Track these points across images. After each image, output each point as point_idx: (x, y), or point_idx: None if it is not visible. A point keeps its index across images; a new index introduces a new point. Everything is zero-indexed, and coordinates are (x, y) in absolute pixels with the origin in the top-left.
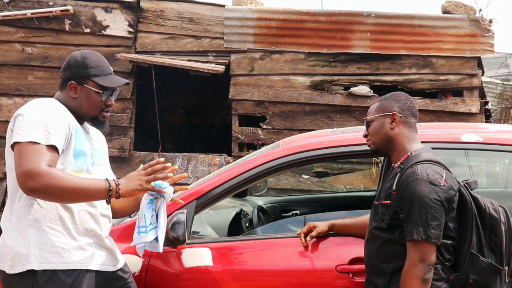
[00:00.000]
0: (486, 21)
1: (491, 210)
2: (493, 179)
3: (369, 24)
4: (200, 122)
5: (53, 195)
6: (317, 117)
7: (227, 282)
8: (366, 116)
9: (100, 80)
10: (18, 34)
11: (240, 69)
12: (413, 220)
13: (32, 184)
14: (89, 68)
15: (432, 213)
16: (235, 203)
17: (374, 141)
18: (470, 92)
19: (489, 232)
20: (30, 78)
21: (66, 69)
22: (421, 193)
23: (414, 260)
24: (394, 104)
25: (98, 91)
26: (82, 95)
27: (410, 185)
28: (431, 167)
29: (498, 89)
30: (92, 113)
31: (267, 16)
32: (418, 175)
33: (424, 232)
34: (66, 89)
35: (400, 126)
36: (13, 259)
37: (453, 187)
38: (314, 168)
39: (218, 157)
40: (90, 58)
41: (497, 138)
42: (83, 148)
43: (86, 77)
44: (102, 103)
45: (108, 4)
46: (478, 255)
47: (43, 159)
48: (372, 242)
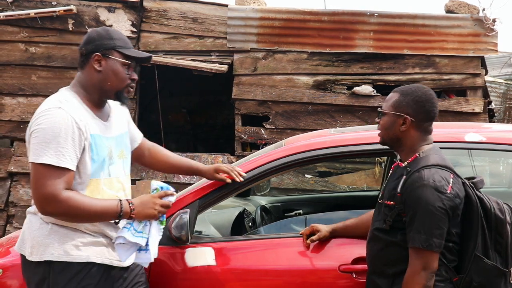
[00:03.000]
0: (489, 20)
1: (497, 210)
2: (496, 178)
3: (372, 23)
4: (203, 122)
5: (69, 219)
6: (320, 117)
7: (230, 281)
8: (383, 103)
9: (126, 51)
10: (22, 34)
11: (243, 69)
12: (416, 227)
13: (50, 209)
14: (114, 39)
15: (435, 221)
16: (238, 203)
17: (382, 135)
18: (473, 91)
19: (494, 233)
20: (34, 78)
21: (87, 43)
22: (426, 200)
23: (417, 268)
24: (411, 105)
25: (124, 61)
26: (107, 67)
27: (415, 191)
28: (439, 172)
29: (502, 88)
30: (117, 86)
31: (270, 16)
32: (425, 181)
33: (426, 240)
34: (89, 63)
35: (410, 130)
36: (33, 247)
37: (459, 195)
38: (317, 168)
39: (221, 156)
40: (113, 30)
41: (501, 138)
42: (101, 153)
43: (111, 48)
44: (127, 76)
45: (111, 4)
46: (482, 257)
47: (59, 182)
48: (374, 243)
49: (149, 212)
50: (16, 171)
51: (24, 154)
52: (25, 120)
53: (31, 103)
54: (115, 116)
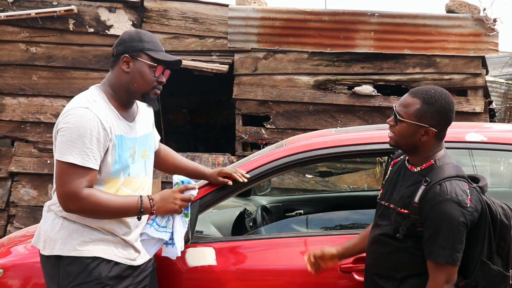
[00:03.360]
0: (490, 20)
1: (502, 216)
2: (497, 178)
3: (372, 23)
4: (204, 122)
5: (91, 216)
6: (320, 117)
7: (231, 281)
8: (400, 108)
9: (155, 54)
10: (22, 34)
11: (244, 69)
12: (440, 243)
13: (72, 207)
14: (143, 42)
15: (458, 236)
16: (238, 203)
17: (397, 140)
18: (474, 91)
19: (498, 238)
20: (34, 78)
21: (119, 44)
22: (451, 216)
23: (440, 282)
24: (435, 115)
25: (152, 64)
26: (135, 69)
27: (439, 206)
28: (459, 185)
29: (503, 88)
30: (144, 88)
31: (270, 16)
32: (447, 195)
33: (450, 256)
34: (118, 64)
35: (431, 139)
36: (45, 242)
37: (477, 208)
38: (317, 168)
39: (222, 156)
40: (144, 33)
41: (502, 138)
42: (123, 154)
43: (140, 50)
44: (154, 79)
45: (112, 4)
46: (488, 262)
47: (82, 181)
48: (380, 247)
49: (170, 207)
50: (17, 171)
51: (25, 154)
52: (26, 120)
53: (32, 103)
54: (141, 117)
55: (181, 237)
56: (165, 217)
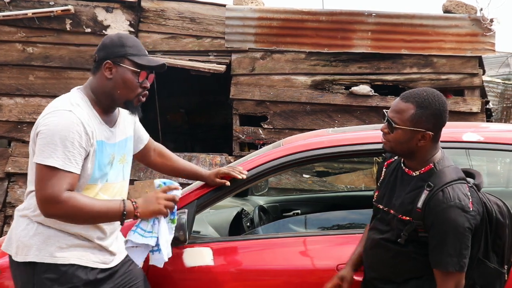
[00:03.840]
0: (487, 20)
1: (498, 214)
2: (494, 178)
3: (370, 23)
4: (201, 122)
5: (72, 221)
6: (318, 117)
7: (228, 281)
8: (393, 114)
9: (138, 59)
10: (19, 34)
11: (241, 69)
12: (447, 251)
13: (52, 211)
14: (126, 47)
15: (465, 242)
16: (236, 203)
17: (392, 146)
18: (471, 91)
19: (494, 236)
20: (31, 78)
21: (100, 50)
22: (456, 223)
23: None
24: (431, 119)
25: (135, 70)
26: (117, 75)
27: (443, 213)
28: (460, 189)
29: (499, 88)
30: (127, 95)
31: (268, 16)
32: (451, 202)
33: (458, 263)
34: (101, 70)
35: (428, 143)
36: (18, 247)
37: (479, 211)
38: (315, 168)
39: (219, 156)
40: (126, 37)
41: (498, 138)
42: (103, 160)
43: (122, 55)
44: (138, 85)
45: (109, 4)
46: (485, 260)
47: (62, 184)
48: (381, 252)
49: (154, 208)
50: (14, 172)
51: (22, 155)
52: (23, 121)
53: (29, 103)
54: (122, 121)
55: (166, 242)
56: (150, 222)
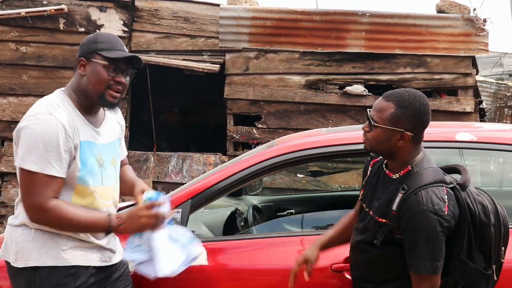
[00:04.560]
0: (480, 20)
1: (482, 215)
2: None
3: (363, 23)
4: (195, 121)
5: (57, 228)
6: (312, 116)
7: (223, 281)
8: (374, 113)
9: (107, 53)
10: (12, 33)
11: (235, 68)
12: (419, 254)
13: (38, 218)
14: (98, 43)
15: (438, 246)
16: (230, 203)
17: (372, 146)
18: (464, 91)
19: (479, 237)
20: (25, 78)
21: (79, 49)
22: (428, 227)
23: None
24: (410, 119)
25: (104, 63)
26: (89, 70)
27: (415, 217)
28: (435, 192)
29: (493, 88)
30: (98, 89)
31: (262, 16)
32: (423, 206)
33: (431, 266)
34: (77, 68)
35: (407, 144)
36: (17, 253)
37: (455, 214)
38: (309, 167)
39: (213, 156)
40: (101, 34)
41: (492, 137)
42: (89, 160)
43: (93, 51)
44: (109, 78)
45: (102, 3)
46: (467, 261)
47: (46, 191)
48: (359, 253)
49: (137, 225)
50: (7, 171)
51: None
52: (16, 120)
53: (22, 103)
54: (108, 123)
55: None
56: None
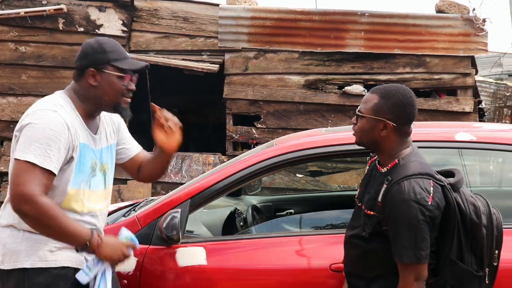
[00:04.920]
0: (479, 20)
1: (473, 215)
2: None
3: (363, 23)
4: (195, 121)
5: (36, 226)
6: (311, 116)
7: (222, 281)
8: (361, 105)
9: (120, 64)
10: (12, 33)
11: (234, 68)
12: (402, 243)
13: (24, 208)
14: (107, 53)
15: (420, 234)
16: (229, 202)
17: (360, 137)
18: (463, 91)
19: (471, 237)
20: (24, 77)
21: (82, 58)
22: (409, 215)
23: (410, 281)
24: (392, 109)
25: (120, 75)
26: (102, 82)
27: (397, 206)
28: (419, 183)
29: (492, 88)
30: (114, 99)
31: (261, 15)
32: (405, 195)
33: (414, 255)
34: (84, 78)
35: (390, 134)
36: (5, 255)
37: (439, 205)
38: (308, 167)
39: (213, 156)
40: (106, 43)
41: (491, 137)
42: (86, 164)
43: (105, 62)
44: (124, 88)
45: (101, 3)
46: (457, 261)
47: (39, 184)
48: (350, 248)
49: (113, 255)
50: (6, 171)
51: None
52: (15, 120)
53: (21, 103)
54: (104, 129)
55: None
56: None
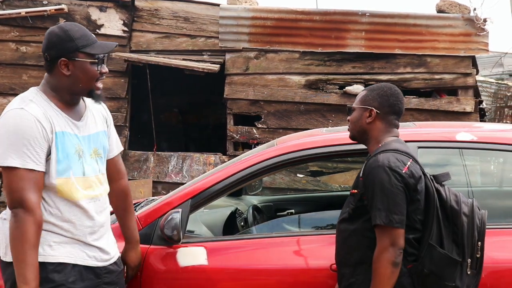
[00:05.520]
0: (480, 20)
1: (453, 202)
2: (488, 178)
3: (364, 23)
4: (195, 121)
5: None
6: (312, 116)
7: (222, 281)
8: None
9: (91, 49)
10: (12, 33)
11: (235, 68)
12: (376, 205)
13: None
14: (75, 40)
15: (393, 198)
16: (230, 202)
17: (352, 129)
18: (464, 91)
19: (451, 224)
20: (25, 77)
21: (50, 48)
22: (382, 179)
23: (384, 245)
24: (376, 98)
25: (93, 60)
26: (76, 70)
27: (372, 172)
28: (395, 155)
29: (493, 88)
30: (88, 86)
31: (262, 15)
32: (379, 162)
33: (386, 217)
34: (56, 68)
35: (376, 122)
36: (7, 247)
37: (414, 175)
38: (309, 167)
39: (213, 156)
40: (72, 29)
41: (492, 137)
42: (67, 151)
43: (75, 50)
44: (97, 73)
45: (102, 3)
46: (435, 245)
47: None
48: (339, 235)
49: None
50: None
51: None
52: None
53: None
54: (92, 115)
55: None
56: None
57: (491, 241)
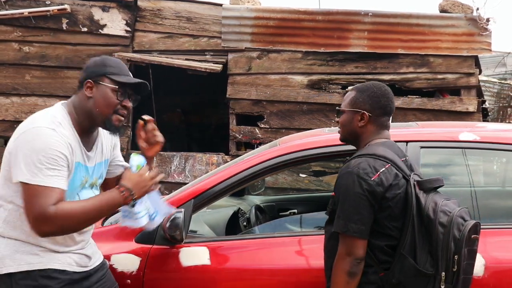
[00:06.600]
0: (483, 20)
1: (430, 210)
2: (490, 178)
3: (366, 23)
4: (198, 121)
5: (72, 230)
6: (314, 116)
7: (225, 281)
8: (342, 103)
9: (117, 77)
10: (15, 33)
11: (238, 68)
12: (337, 213)
13: (45, 229)
14: (107, 67)
15: (354, 206)
16: (232, 202)
17: (343, 132)
18: (467, 91)
19: (427, 234)
20: (28, 77)
21: (84, 70)
22: (346, 186)
23: (341, 253)
24: (367, 101)
25: (114, 87)
26: (97, 93)
27: (341, 177)
28: (369, 161)
29: (496, 88)
30: (106, 112)
31: (264, 15)
32: (349, 168)
33: (344, 225)
34: (82, 90)
35: (367, 125)
36: (2, 259)
37: (383, 183)
38: (311, 167)
39: (216, 156)
40: (109, 58)
41: (495, 137)
42: (76, 182)
43: (102, 74)
44: (117, 102)
45: (105, 3)
46: (406, 256)
47: (49, 201)
48: (325, 238)
49: (145, 189)
50: None
51: None
52: (19, 120)
53: (25, 103)
54: (101, 144)
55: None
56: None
57: (493, 241)
